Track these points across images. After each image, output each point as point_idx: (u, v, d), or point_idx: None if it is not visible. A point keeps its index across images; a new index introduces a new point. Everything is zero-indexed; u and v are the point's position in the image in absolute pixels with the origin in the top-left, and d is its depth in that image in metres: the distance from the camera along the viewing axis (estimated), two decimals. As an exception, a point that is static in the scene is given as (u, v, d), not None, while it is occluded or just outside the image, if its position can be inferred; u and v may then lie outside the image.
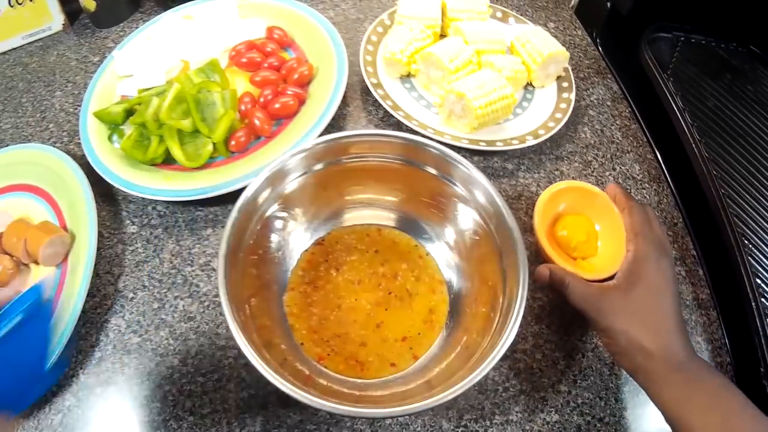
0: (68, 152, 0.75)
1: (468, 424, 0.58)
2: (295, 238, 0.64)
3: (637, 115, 0.77)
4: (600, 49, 0.83)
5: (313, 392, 0.47)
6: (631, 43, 0.79)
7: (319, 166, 0.60)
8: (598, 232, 0.64)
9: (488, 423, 0.58)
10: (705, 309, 0.65)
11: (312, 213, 0.64)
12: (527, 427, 0.58)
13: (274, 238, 0.62)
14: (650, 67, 0.75)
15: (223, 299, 0.50)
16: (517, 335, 0.61)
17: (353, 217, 0.66)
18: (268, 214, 0.59)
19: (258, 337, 0.52)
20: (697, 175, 0.68)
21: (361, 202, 0.66)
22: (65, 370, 0.64)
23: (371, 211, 0.66)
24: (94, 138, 0.75)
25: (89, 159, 0.73)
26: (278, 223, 0.61)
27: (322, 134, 0.70)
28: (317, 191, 0.63)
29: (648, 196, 0.71)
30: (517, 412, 0.59)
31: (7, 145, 0.83)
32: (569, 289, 0.55)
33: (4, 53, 0.95)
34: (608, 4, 0.82)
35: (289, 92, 0.74)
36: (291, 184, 0.60)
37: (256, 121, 0.72)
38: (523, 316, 0.62)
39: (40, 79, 0.91)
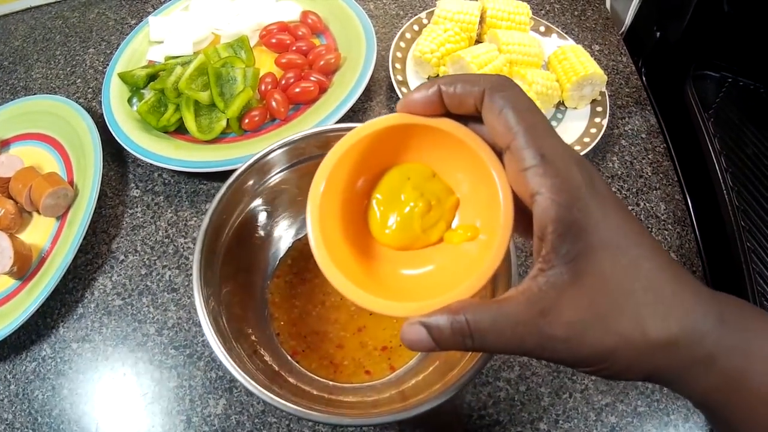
0: (89, 109, 0.76)
1: (435, 446, 0.55)
2: (286, 225, 0.62)
3: (672, 152, 0.73)
4: (643, 79, 0.79)
5: (278, 390, 0.45)
6: (676, 78, 0.75)
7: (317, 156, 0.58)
8: (441, 177, 0.37)
9: (456, 449, 0.55)
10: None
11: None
12: (496, 462, 0.55)
13: (263, 222, 0.60)
14: (692, 105, 0.71)
15: (196, 287, 0.48)
16: (503, 362, 0.59)
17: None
18: (264, 196, 0.57)
19: (228, 326, 0.50)
20: (725, 224, 0.64)
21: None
22: None
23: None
24: (115, 98, 0.76)
25: (105, 118, 0.74)
26: (268, 208, 0.59)
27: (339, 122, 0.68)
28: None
29: (669, 239, 0.66)
30: (489, 443, 0.55)
31: (34, 94, 0.84)
32: (480, 338, 0.29)
33: (49, 5, 0.97)
34: (657, 34, 0.78)
35: (312, 78, 0.72)
36: (287, 172, 0.58)
37: (273, 103, 0.71)
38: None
39: (77, 35, 0.92)
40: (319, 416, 0.44)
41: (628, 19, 0.83)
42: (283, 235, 0.62)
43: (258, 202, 0.58)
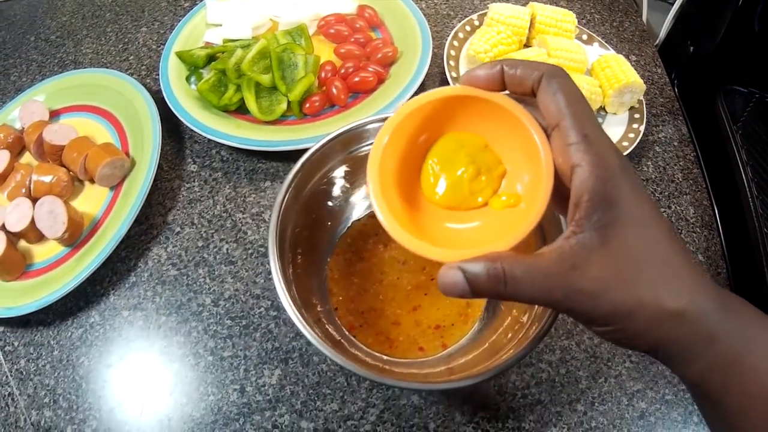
0: (144, 85, 0.77)
1: (480, 421, 0.58)
2: (351, 205, 0.64)
3: (701, 160, 0.77)
4: (676, 90, 0.83)
5: (341, 354, 0.47)
6: (707, 91, 0.79)
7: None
8: (492, 149, 0.40)
9: (500, 425, 0.58)
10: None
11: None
12: (537, 439, 0.58)
13: (331, 201, 0.63)
14: (722, 117, 0.75)
15: (271, 249, 0.51)
16: (546, 346, 0.62)
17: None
18: (331, 174, 0.60)
19: (298, 294, 0.52)
20: (749, 230, 0.68)
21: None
22: None
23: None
24: (173, 76, 0.78)
25: (164, 94, 0.76)
26: (338, 187, 0.62)
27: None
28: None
29: (697, 241, 0.71)
30: (530, 420, 0.58)
31: (85, 68, 0.85)
32: (513, 286, 0.32)
33: (97, -18, 0.98)
34: (691, 48, 0.83)
35: (370, 69, 0.75)
36: (361, 150, 0.60)
37: (334, 90, 0.74)
38: (555, 329, 0.63)
39: (128, 13, 0.94)
40: (383, 378, 0.47)
41: (663, 33, 0.87)
42: (346, 216, 0.64)
43: (328, 181, 0.60)
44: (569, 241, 0.32)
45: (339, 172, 0.61)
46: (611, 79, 0.74)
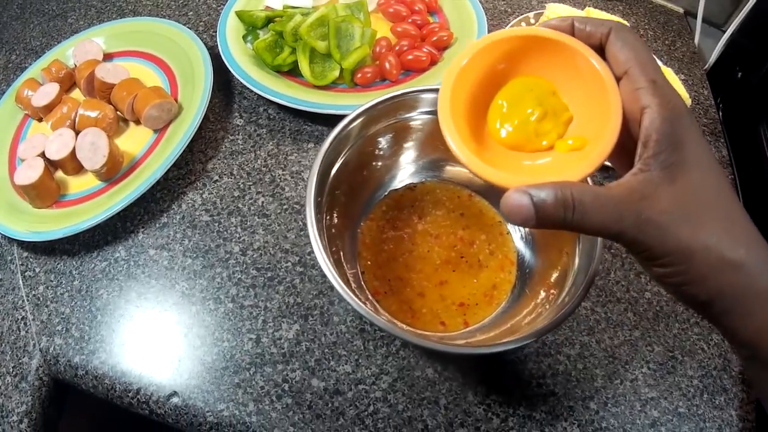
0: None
1: (492, 404, 0.57)
2: (390, 173, 0.65)
3: (738, 184, 0.77)
4: (720, 113, 0.84)
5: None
6: (750, 117, 0.80)
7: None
8: (560, 95, 0.40)
9: (511, 411, 0.57)
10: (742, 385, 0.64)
11: (417, 155, 0.65)
12: (546, 430, 0.57)
13: (371, 166, 0.63)
14: (763, 144, 0.76)
15: (308, 203, 0.51)
16: (566, 339, 0.62)
17: (453, 171, 0.66)
18: (376, 139, 0.61)
19: (330, 254, 0.52)
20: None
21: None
22: None
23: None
24: (230, 33, 0.80)
25: (220, 49, 0.77)
26: (380, 153, 0.63)
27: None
28: (432, 136, 0.63)
29: (726, 262, 0.70)
30: (542, 411, 0.58)
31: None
32: (581, 212, 0.32)
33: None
34: (739, 74, 0.83)
35: (424, 49, 0.76)
36: (409, 119, 0.61)
37: (387, 64, 0.75)
38: (576, 323, 0.63)
39: (192, -30, 0.96)
40: (405, 335, 0.47)
41: (713, 59, 0.88)
42: (384, 184, 0.65)
43: (375, 141, 0.61)
44: (637, 177, 0.32)
45: (384, 138, 0.61)
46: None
